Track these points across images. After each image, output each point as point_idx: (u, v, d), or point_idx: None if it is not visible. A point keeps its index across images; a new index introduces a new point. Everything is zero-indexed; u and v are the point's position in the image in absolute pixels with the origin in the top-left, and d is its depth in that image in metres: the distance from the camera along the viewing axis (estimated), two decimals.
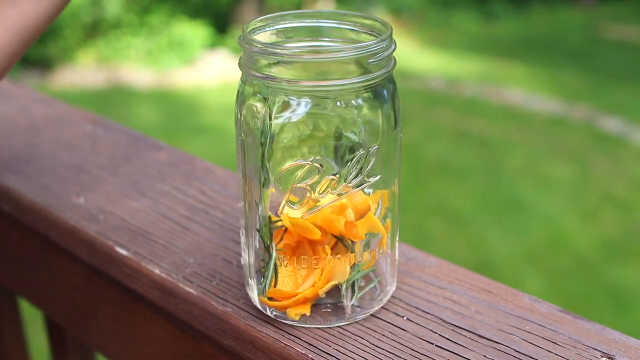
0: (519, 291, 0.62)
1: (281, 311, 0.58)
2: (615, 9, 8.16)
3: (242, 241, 0.61)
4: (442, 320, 0.59)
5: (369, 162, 0.55)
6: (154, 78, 5.99)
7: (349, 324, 0.59)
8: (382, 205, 0.58)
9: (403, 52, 6.31)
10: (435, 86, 5.78)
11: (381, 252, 0.59)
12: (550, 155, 4.46)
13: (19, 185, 0.82)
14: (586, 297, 3.04)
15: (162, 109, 5.34)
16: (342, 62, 0.54)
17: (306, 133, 0.54)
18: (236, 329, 0.60)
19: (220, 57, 6.22)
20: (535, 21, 7.82)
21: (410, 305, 0.61)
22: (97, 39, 6.33)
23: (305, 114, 0.54)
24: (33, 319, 1.25)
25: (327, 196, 0.55)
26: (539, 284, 3.11)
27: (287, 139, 0.54)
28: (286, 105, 0.54)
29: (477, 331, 0.58)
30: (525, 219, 3.69)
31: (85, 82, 5.89)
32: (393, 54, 0.56)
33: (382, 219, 0.58)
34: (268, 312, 0.59)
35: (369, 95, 0.55)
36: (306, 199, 0.55)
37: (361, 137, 0.55)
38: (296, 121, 0.54)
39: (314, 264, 0.57)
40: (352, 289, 0.58)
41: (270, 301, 0.58)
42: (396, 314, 0.60)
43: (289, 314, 0.58)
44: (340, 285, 0.58)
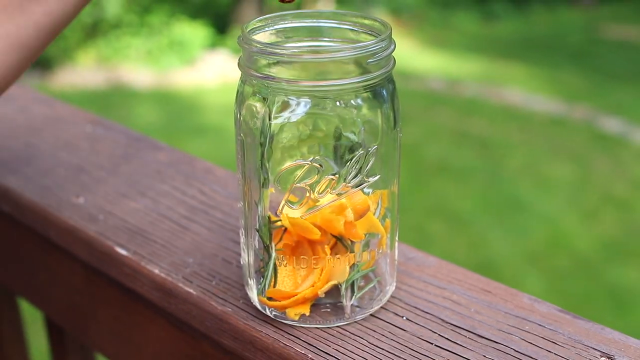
0: (519, 291, 0.62)
1: (281, 311, 0.58)
2: (615, 9, 8.16)
3: (242, 241, 0.61)
4: (442, 320, 0.59)
5: (369, 162, 0.55)
6: (154, 78, 5.99)
7: (348, 323, 0.59)
8: (381, 205, 0.58)
9: (403, 53, 6.32)
10: (435, 86, 5.78)
11: (380, 252, 0.59)
12: (550, 156, 4.46)
13: (18, 186, 0.82)
14: (586, 298, 3.04)
15: (162, 109, 5.34)
16: (341, 62, 0.54)
17: (305, 133, 0.54)
18: (236, 329, 0.60)
19: (220, 57, 6.22)
20: (535, 21, 7.81)
21: (409, 305, 0.61)
22: (97, 39, 6.33)
23: (304, 113, 0.54)
24: (33, 319, 1.25)
25: (327, 196, 0.55)
26: (539, 284, 3.11)
27: (287, 138, 0.54)
28: (285, 105, 0.54)
29: (477, 331, 0.58)
30: (525, 219, 3.69)
31: (85, 82, 5.89)
32: (392, 54, 0.56)
33: (381, 219, 0.58)
34: (267, 312, 0.59)
35: (368, 95, 0.55)
36: (305, 198, 0.55)
37: (360, 137, 0.55)
38: (296, 121, 0.54)
39: (314, 263, 0.57)
40: (351, 288, 0.58)
41: (270, 301, 0.58)
42: (396, 313, 0.60)
43: (288, 314, 0.58)
44: (340, 285, 0.58)
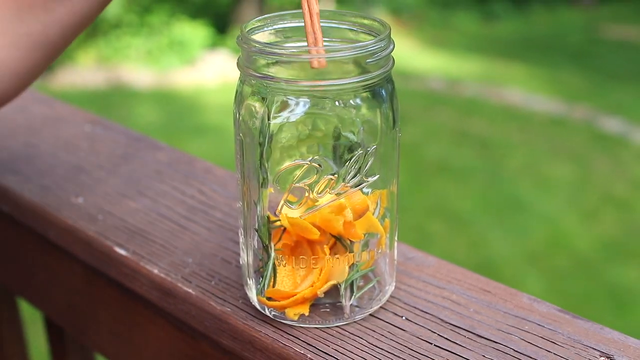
0: (518, 291, 0.62)
1: (280, 311, 0.58)
2: (615, 9, 8.16)
3: (241, 241, 0.61)
4: (441, 320, 0.59)
5: (368, 162, 0.55)
6: (154, 78, 5.99)
7: (347, 323, 0.59)
8: (380, 205, 0.58)
9: (403, 52, 6.32)
10: (435, 86, 5.78)
11: (380, 252, 0.59)
12: (550, 156, 4.46)
13: (18, 185, 0.82)
14: (586, 298, 3.04)
15: (162, 109, 5.34)
16: (340, 62, 0.54)
17: (305, 133, 0.54)
18: (235, 328, 0.60)
19: (220, 57, 6.22)
20: (535, 21, 7.81)
21: (409, 305, 0.61)
22: (97, 39, 6.33)
23: (303, 113, 0.54)
24: (33, 319, 1.25)
25: (326, 196, 0.55)
26: (539, 284, 3.11)
27: (286, 138, 0.54)
28: (285, 105, 0.54)
29: (476, 331, 0.58)
30: (525, 219, 3.69)
31: (85, 82, 5.89)
32: (391, 54, 0.56)
33: (380, 219, 0.58)
34: (267, 312, 0.59)
35: (367, 95, 0.55)
36: (305, 198, 0.55)
37: (360, 137, 0.55)
38: (295, 121, 0.54)
39: (313, 263, 0.57)
40: (350, 288, 0.58)
41: (269, 301, 0.58)
42: (395, 313, 0.60)
43: (287, 313, 0.58)
44: (339, 285, 0.58)
